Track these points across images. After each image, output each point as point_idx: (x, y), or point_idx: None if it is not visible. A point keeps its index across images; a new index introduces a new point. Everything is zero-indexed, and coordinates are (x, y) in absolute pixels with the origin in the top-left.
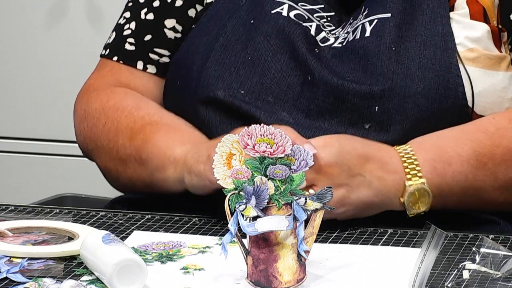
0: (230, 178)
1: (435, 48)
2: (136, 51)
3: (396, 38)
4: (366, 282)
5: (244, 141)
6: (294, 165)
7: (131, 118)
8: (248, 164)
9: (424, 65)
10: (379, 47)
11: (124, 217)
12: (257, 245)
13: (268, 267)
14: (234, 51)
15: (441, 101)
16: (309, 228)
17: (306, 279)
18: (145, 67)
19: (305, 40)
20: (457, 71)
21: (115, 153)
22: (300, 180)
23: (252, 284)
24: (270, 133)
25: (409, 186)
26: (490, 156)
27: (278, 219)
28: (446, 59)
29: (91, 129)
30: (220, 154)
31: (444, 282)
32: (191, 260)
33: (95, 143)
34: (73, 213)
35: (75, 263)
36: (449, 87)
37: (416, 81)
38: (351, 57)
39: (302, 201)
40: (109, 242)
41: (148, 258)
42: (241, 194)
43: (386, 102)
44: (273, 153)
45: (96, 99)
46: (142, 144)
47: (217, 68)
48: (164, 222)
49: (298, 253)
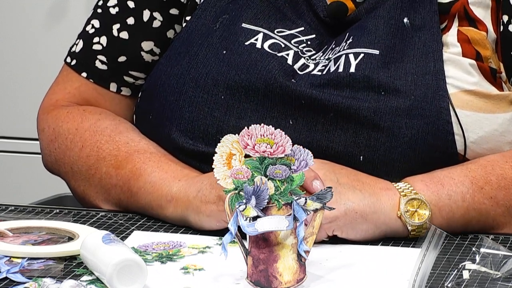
0: (230, 178)
1: (426, 89)
2: (108, 71)
3: (385, 79)
4: (366, 282)
5: (244, 141)
6: (294, 165)
7: (113, 144)
8: (248, 164)
9: (414, 111)
10: (367, 90)
11: (124, 217)
12: (257, 245)
13: (268, 267)
14: (206, 88)
15: (430, 151)
16: (309, 228)
17: (306, 279)
18: (119, 89)
19: (280, 73)
20: (448, 116)
21: (97, 181)
22: (300, 180)
23: (252, 284)
24: (270, 133)
25: (404, 198)
26: (486, 181)
27: (278, 219)
28: (437, 102)
29: (64, 152)
30: (220, 154)
31: (444, 282)
32: (191, 260)
33: (70, 167)
34: (73, 213)
35: (75, 263)
36: (438, 136)
37: (404, 130)
38: (334, 93)
39: (302, 201)
40: (109, 242)
41: (148, 258)
42: (241, 194)
43: (371, 152)
44: (273, 153)
45: (67, 118)
46: (132, 176)
47: (190, 109)
48: (164, 222)
49: (298, 253)
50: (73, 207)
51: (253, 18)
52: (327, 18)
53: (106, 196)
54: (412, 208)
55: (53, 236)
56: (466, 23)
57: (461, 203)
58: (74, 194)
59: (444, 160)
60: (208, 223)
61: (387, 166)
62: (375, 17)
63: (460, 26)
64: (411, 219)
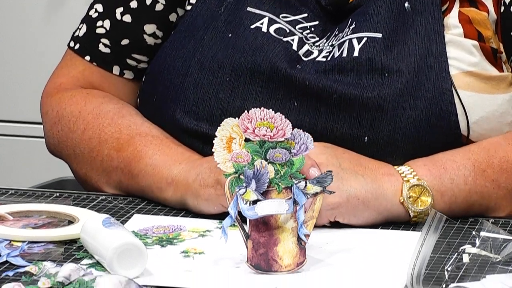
0: (230, 161)
1: (429, 71)
2: (112, 55)
3: (388, 61)
4: (366, 265)
5: (244, 125)
6: (294, 149)
7: (115, 126)
8: (248, 148)
9: (417, 92)
10: (371, 73)
11: (124, 201)
12: (257, 229)
13: (268, 251)
14: (211, 70)
15: (433, 132)
16: (309, 212)
17: (306, 263)
18: (121, 72)
19: (285, 57)
20: (451, 98)
21: (98, 163)
22: (300, 164)
23: (252, 268)
24: (270, 116)
25: (407, 184)
26: (488, 164)
27: (278, 203)
28: (440, 84)
29: (67, 134)
30: (220, 138)
31: (444, 266)
32: (191, 244)
33: (72, 149)
34: (73, 197)
35: (75, 246)
36: (441, 116)
37: (408, 111)
38: (338, 78)
39: (302, 184)
40: (109, 225)
41: (148, 242)
42: (241, 178)
43: (376, 132)
44: (273, 137)
45: (71, 101)
46: (133, 158)
47: (195, 90)
48: (164, 206)
49: (298, 236)
50: (73, 191)
51: (258, 3)
52: (329, 6)
53: (107, 178)
54: (414, 195)
55: (53, 219)
56: (467, 4)
57: (463, 186)
58: (76, 177)
59: (448, 141)
60: (206, 207)
61: (392, 147)
62: (377, 2)
63: (461, 7)
64: (414, 206)
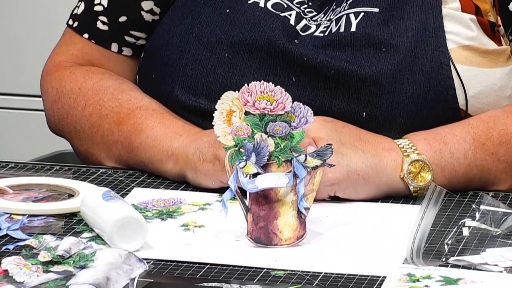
0: (230, 135)
1: (426, 46)
2: (110, 32)
3: (385, 35)
4: (366, 239)
5: (244, 98)
6: (294, 122)
7: (115, 101)
8: (248, 121)
9: (415, 67)
10: (368, 48)
11: (124, 174)
12: (257, 202)
13: (268, 224)
14: (210, 46)
15: (431, 107)
16: (309, 185)
17: (306, 236)
18: (120, 49)
19: (283, 32)
20: (449, 72)
21: (99, 138)
22: (300, 137)
23: (252, 241)
24: (270, 90)
25: (407, 159)
26: (487, 137)
27: (278, 176)
28: (438, 58)
29: (67, 111)
30: (220, 111)
31: (444, 239)
32: (191, 217)
33: (73, 126)
34: (73, 170)
35: (75, 220)
36: (440, 91)
37: (406, 86)
38: (336, 53)
39: (302, 158)
40: (109, 199)
41: (148, 215)
42: (241, 151)
43: (374, 108)
44: (273, 110)
45: (70, 78)
46: (133, 131)
47: (193, 66)
48: (164, 179)
49: (298, 210)
50: (73, 164)
51: None
52: None
53: (108, 152)
54: (415, 170)
55: (53, 193)
56: None
57: (463, 160)
58: (77, 154)
59: (447, 115)
60: (205, 182)
61: (390, 122)
62: None
63: None
64: (414, 181)
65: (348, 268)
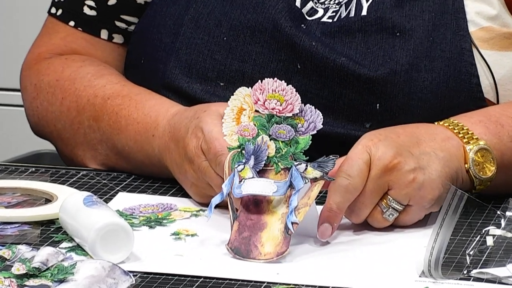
0: (236, 134)
1: (445, 30)
2: (98, 17)
3: (399, 18)
4: (378, 249)
5: (256, 96)
6: (302, 127)
7: (91, 89)
8: (256, 121)
9: (433, 53)
10: (381, 32)
11: (108, 177)
12: (247, 210)
13: (251, 235)
14: (207, 29)
15: (452, 97)
16: (304, 199)
17: (288, 254)
18: (110, 37)
19: (289, 15)
20: (471, 58)
21: (81, 137)
22: (306, 144)
23: (231, 252)
24: (281, 89)
25: (470, 149)
26: None
27: (264, 183)
28: (458, 43)
29: (46, 109)
30: (231, 108)
31: (466, 250)
32: (182, 225)
33: (53, 125)
34: (51, 172)
35: (53, 228)
36: (461, 79)
37: (423, 74)
38: (345, 40)
39: (302, 167)
40: (91, 204)
41: (135, 223)
42: (243, 153)
43: (389, 99)
44: (282, 111)
45: (48, 70)
46: (111, 131)
47: (188, 51)
48: (152, 182)
49: (285, 224)
50: (51, 165)
51: None
52: None
53: (94, 153)
54: (479, 159)
55: (29, 198)
56: None
57: None
58: (63, 158)
59: (469, 106)
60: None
61: (406, 114)
62: None
63: None
64: (479, 173)
65: (358, 282)
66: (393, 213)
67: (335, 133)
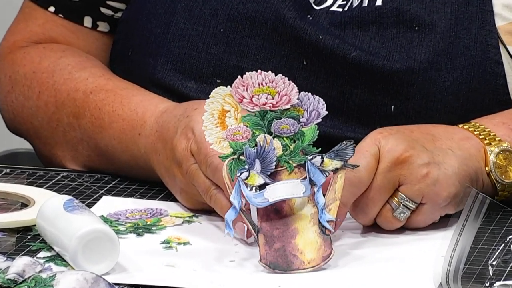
0: (225, 140)
1: (469, 24)
2: (81, 3)
3: (419, 11)
4: (391, 259)
5: (239, 93)
6: (303, 117)
7: (71, 83)
8: (247, 121)
9: (455, 50)
10: (397, 26)
11: (91, 179)
12: (268, 219)
13: (285, 245)
14: (202, 19)
15: (475, 99)
16: (331, 193)
17: (334, 255)
18: (94, 24)
19: (293, 4)
20: (497, 56)
21: (60, 136)
22: (313, 135)
23: (268, 268)
24: (270, 80)
25: (491, 151)
26: None
27: (292, 185)
28: (483, 39)
29: (22, 104)
30: (211, 112)
31: (488, 260)
32: (174, 232)
33: (30, 122)
34: (27, 174)
35: (30, 235)
36: (486, 79)
37: (444, 73)
38: (357, 33)
39: (318, 160)
40: (72, 209)
41: (121, 230)
42: (242, 158)
43: (405, 100)
44: (276, 105)
45: (24, 60)
46: (93, 129)
47: (181, 43)
48: (140, 185)
49: (320, 224)
50: (27, 166)
51: None
52: None
53: (74, 153)
54: (501, 163)
55: (3, 202)
56: None
57: None
58: (41, 159)
59: (494, 109)
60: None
61: (424, 117)
62: None
63: None
64: (501, 177)
65: None
66: (404, 212)
67: (344, 138)
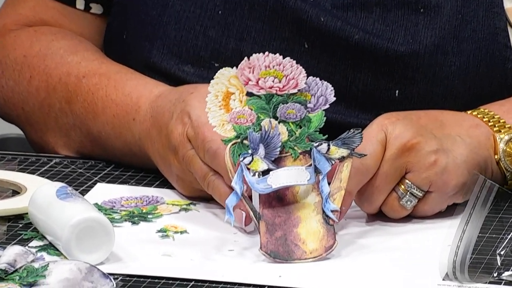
0: (229, 123)
1: (477, 6)
2: None
3: None
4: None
5: (245, 76)
6: (310, 103)
7: (63, 67)
8: (252, 104)
9: (462, 33)
10: (402, 8)
11: (84, 165)
12: (270, 207)
13: (286, 234)
14: (199, 1)
15: (483, 84)
16: (336, 182)
17: (337, 246)
18: (87, 6)
19: None
20: (506, 39)
21: (52, 122)
22: (320, 121)
23: (268, 256)
24: (277, 63)
25: (501, 139)
26: None
27: (297, 171)
28: (491, 22)
29: (12, 89)
30: (215, 94)
31: (496, 249)
32: (170, 221)
33: (21, 107)
34: (19, 160)
35: (21, 224)
36: (494, 64)
37: (450, 57)
38: (360, 15)
39: (324, 147)
40: (65, 197)
41: (116, 218)
42: (245, 143)
43: (410, 85)
44: (283, 89)
45: (14, 44)
46: (86, 115)
47: (177, 26)
48: (135, 172)
49: (324, 214)
50: (19, 152)
51: None
52: None
53: (67, 139)
54: (511, 150)
55: None
56: None
57: None
58: (32, 145)
59: (503, 95)
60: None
61: (430, 103)
62: None
63: None
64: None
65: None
66: (411, 200)
67: (347, 123)
